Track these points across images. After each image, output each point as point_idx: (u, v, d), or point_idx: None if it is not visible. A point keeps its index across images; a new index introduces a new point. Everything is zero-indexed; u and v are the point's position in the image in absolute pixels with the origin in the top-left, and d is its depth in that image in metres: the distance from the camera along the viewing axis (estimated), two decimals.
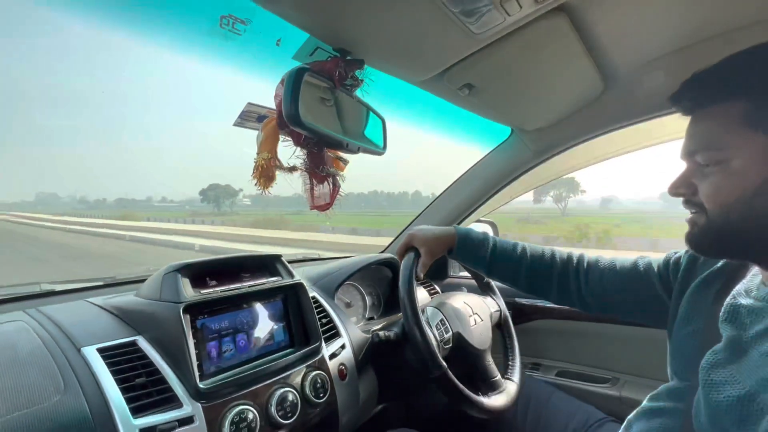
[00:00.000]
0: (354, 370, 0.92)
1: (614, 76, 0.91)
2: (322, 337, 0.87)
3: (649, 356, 1.14)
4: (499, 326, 1.11)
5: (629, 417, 0.68)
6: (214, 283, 0.79)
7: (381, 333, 0.92)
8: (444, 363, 0.80)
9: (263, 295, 0.84)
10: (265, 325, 0.83)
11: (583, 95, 0.98)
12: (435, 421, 1.12)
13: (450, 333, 0.91)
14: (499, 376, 0.94)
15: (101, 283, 0.96)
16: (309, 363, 0.82)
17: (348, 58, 0.62)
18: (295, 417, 0.73)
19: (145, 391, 0.62)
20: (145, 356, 0.67)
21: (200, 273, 0.78)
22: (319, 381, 0.81)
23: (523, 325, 1.36)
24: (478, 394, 0.83)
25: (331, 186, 0.68)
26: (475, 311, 1.02)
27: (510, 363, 1.03)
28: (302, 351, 0.82)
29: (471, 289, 1.17)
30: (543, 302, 1.34)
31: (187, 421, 0.62)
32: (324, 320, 0.94)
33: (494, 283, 1.16)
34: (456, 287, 1.28)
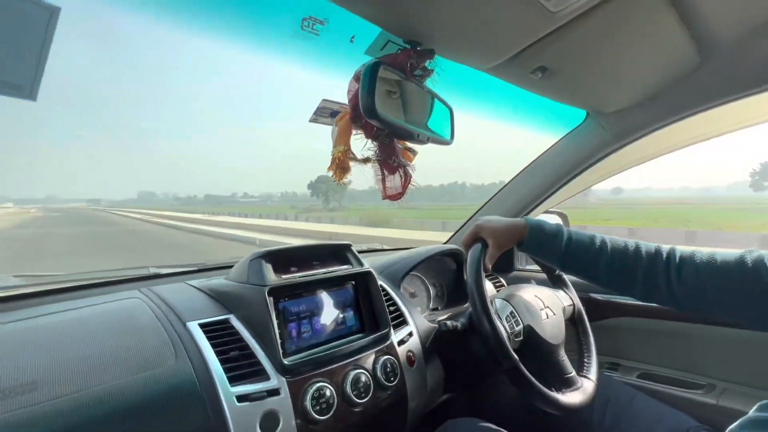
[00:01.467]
0: (421, 357, 0.93)
1: (713, 46, 0.81)
2: (391, 324, 0.90)
3: (753, 362, 1.01)
4: (573, 321, 1.06)
5: (731, 428, 0.61)
6: (293, 269, 0.86)
7: (448, 322, 0.93)
8: (515, 356, 0.79)
9: (336, 282, 0.89)
10: (337, 310, 0.88)
11: (673, 70, 0.88)
12: (501, 413, 1.10)
13: (521, 326, 0.89)
14: (574, 373, 0.90)
15: (196, 268, 1.09)
16: (379, 348, 0.85)
17: (418, 48, 0.62)
18: (368, 397, 0.77)
19: (238, 363, 0.70)
20: (236, 332, 0.75)
21: (280, 260, 0.85)
22: (389, 365, 0.84)
23: (599, 322, 1.27)
24: (551, 390, 0.80)
25: (402, 176, 0.70)
26: (546, 304, 0.98)
27: (585, 360, 0.98)
28: (372, 336, 0.86)
29: (540, 283, 1.13)
30: (622, 298, 1.25)
31: (274, 392, 0.68)
32: (391, 308, 0.97)
33: (566, 277, 1.11)
34: (523, 280, 1.24)
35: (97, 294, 0.90)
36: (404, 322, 0.97)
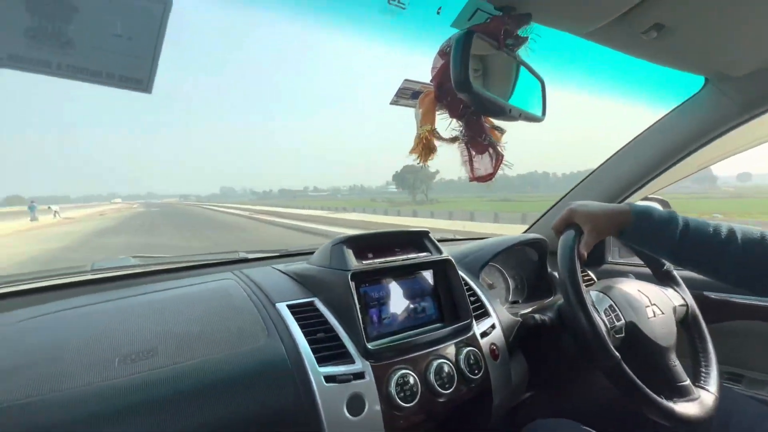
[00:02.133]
0: (506, 351, 0.88)
1: None
2: (473, 315, 0.86)
3: None
4: (685, 324, 0.92)
5: None
6: (371, 255, 0.85)
7: (536, 316, 0.86)
8: (616, 353, 0.70)
9: (415, 269, 0.87)
10: (417, 297, 0.86)
11: None
12: (588, 415, 1.00)
13: (622, 321, 0.79)
14: (688, 382, 0.78)
15: (279, 254, 1.15)
16: (461, 339, 0.82)
17: (513, 14, 0.57)
18: (452, 389, 0.74)
19: (324, 345, 0.71)
20: (321, 315, 0.77)
21: (360, 246, 0.85)
22: (473, 357, 0.80)
23: (714, 325, 1.09)
24: (660, 397, 0.70)
25: (493, 156, 0.65)
26: (653, 302, 0.86)
27: (703, 370, 0.84)
28: (453, 326, 0.83)
29: (640, 278, 1.00)
30: (745, 298, 1.06)
31: (360, 376, 0.68)
32: (471, 299, 0.92)
33: (677, 273, 0.96)
34: (617, 275, 1.11)
35: (196, 275, 0.99)
36: (486, 314, 0.92)
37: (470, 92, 0.51)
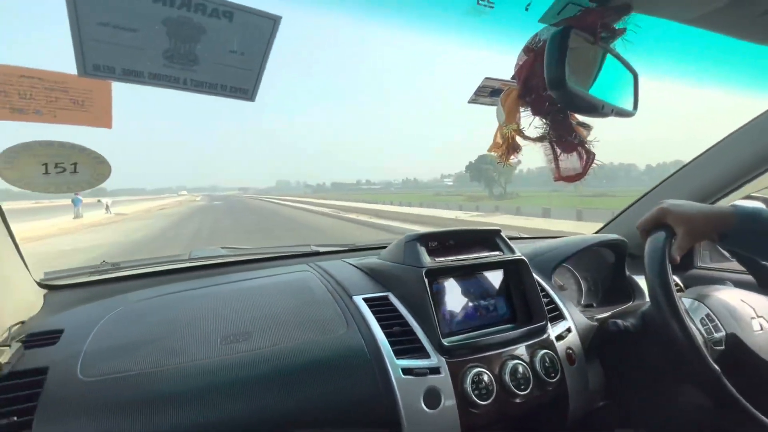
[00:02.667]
0: (582, 356, 0.85)
1: None
2: (547, 317, 0.84)
3: None
4: None
5: None
6: (444, 252, 0.86)
7: (618, 322, 0.81)
8: (716, 366, 0.64)
9: (487, 268, 0.87)
10: (488, 296, 0.86)
11: None
12: (674, 429, 0.93)
13: (722, 333, 0.73)
14: None
15: (348, 248, 1.20)
16: (535, 341, 0.80)
17: (610, 5, 0.54)
18: (527, 390, 0.73)
19: (399, 338, 0.74)
20: (396, 309, 0.79)
21: (432, 243, 0.86)
22: (548, 360, 0.78)
23: None
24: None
25: (583, 154, 0.63)
26: (759, 313, 0.78)
27: None
28: (527, 328, 0.81)
29: (738, 286, 0.90)
30: None
31: (435, 370, 0.70)
32: (544, 300, 0.90)
33: None
34: (708, 281, 1.01)
35: (275, 265, 1.06)
36: (560, 317, 0.89)
37: (564, 90, 0.50)
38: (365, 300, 0.80)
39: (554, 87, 0.50)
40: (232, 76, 0.55)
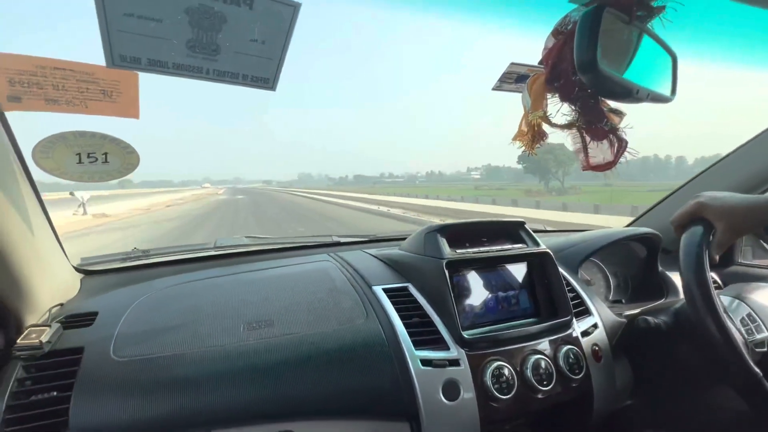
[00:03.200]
0: (609, 353, 0.82)
1: None
2: (573, 312, 0.81)
3: None
4: None
5: None
6: (465, 244, 0.85)
7: (649, 319, 0.78)
8: (757, 369, 0.60)
9: (510, 261, 0.85)
10: (510, 289, 0.84)
11: None
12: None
13: (764, 334, 0.68)
14: None
15: (368, 239, 1.20)
16: (559, 336, 0.78)
17: None
18: (550, 386, 0.71)
19: (419, 329, 0.73)
20: (415, 301, 0.79)
21: (454, 234, 0.85)
22: (572, 356, 0.76)
23: None
24: None
25: (615, 142, 0.59)
26: None
27: None
28: (550, 323, 0.79)
29: None
30: None
31: (455, 362, 0.69)
32: (570, 295, 0.87)
33: None
34: (749, 279, 0.95)
35: (297, 255, 1.08)
36: (586, 312, 0.86)
37: (596, 73, 0.47)
38: (385, 290, 0.80)
39: (585, 70, 0.48)
40: (253, 65, 0.55)
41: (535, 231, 1.40)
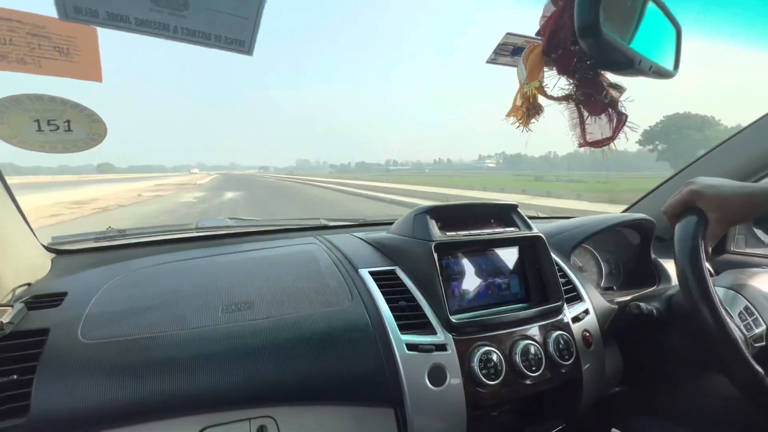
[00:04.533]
0: (599, 339, 0.80)
1: None
2: (564, 297, 0.79)
3: None
4: None
5: None
6: (455, 227, 0.82)
7: (641, 305, 0.76)
8: (758, 367, 0.58)
9: (501, 245, 0.82)
10: (501, 274, 0.81)
11: None
12: (693, 420, 0.88)
13: (763, 327, 0.66)
14: None
15: (358, 223, 1.16)
16: (549, 322, 0.76)
17: None
18: (539, 372, 0.69)
19: (405, 313, 0.71)
20: (403, 284, 0.76)
21: (444, 217, 0.82)
22: (562, 342, 0.74)
23: None
24: None
25: (614, 116, 0.56)
26: None
27: None
28: (541, 308, 0.77)
29: None
30: None
31: (442, 347, 0.67)
32: (562, 280, 0.85)
33: None
34: (741, 266, 0.94)
35: (283, 237, 1.04)
36: (578, 298, 0.84)
37: (598, 38, 0.43)
38: (371, 273, 0.77)
39: (586, 35, 0.44)
40: (227, 25, 0.50)
41: (529, 217, 1.38)
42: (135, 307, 0.67)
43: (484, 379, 0.66)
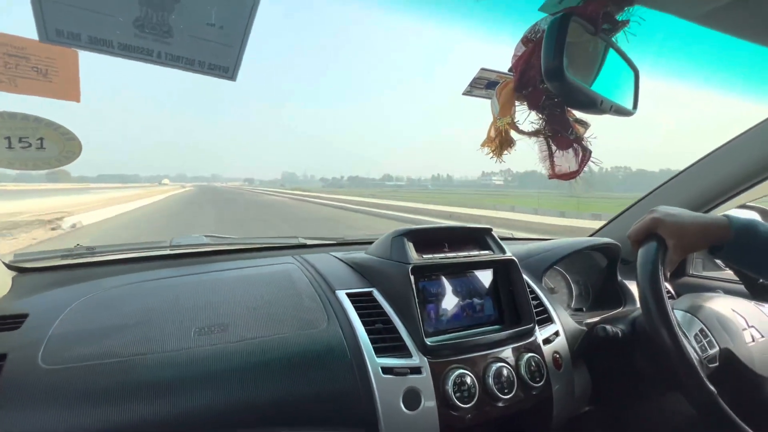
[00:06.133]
0: (569, 361, 0.83)
1: None
2: (535, 319, 0.82)
3: None
4: None
5: None
6: (431, 250, 0.84)
7: (607, 327, 0.79)
8: (712, 387, 0.62)
9: (476, 267, 0.84)
10: (475, 296, 0.83)
11: None
12: None
13: (715, 349, 0.70)
14: None
15: (336, 242, 1.17)
16: (522, 344, 0.78)
17: None
18: (511, 394, 0.71)
19: (382, 336, 0.71)
20: (379, 306, 0.77)
21: (420, 239, 0.84)
22: (534, 364, 0.76)
23: None
24: None
25: (579, 151, 0.60)
26: (750, 323, 0.76)
27: None
28: (514, 330, 0.79)
29: (729, 293, 0.89)
30: None
31: (416, 370, 0.68)
32: (533, 303, 0.88)
33: None
34: (700, 289, 0.99)
35: (259, 256, 1.03)
36: (549, 320, 0.87)
37: (562, 81, 0.47)
38: (348, 295, 0.78)
39: (551, 78, 0.48)
40: (211, 51, 0.52)
41: (502, 238, 1.42)
42: (102, 330, 0.65)
43: (457, 402, 0.66)
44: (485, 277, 0.86)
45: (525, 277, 0.93)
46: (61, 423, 0.52)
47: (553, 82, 0.48)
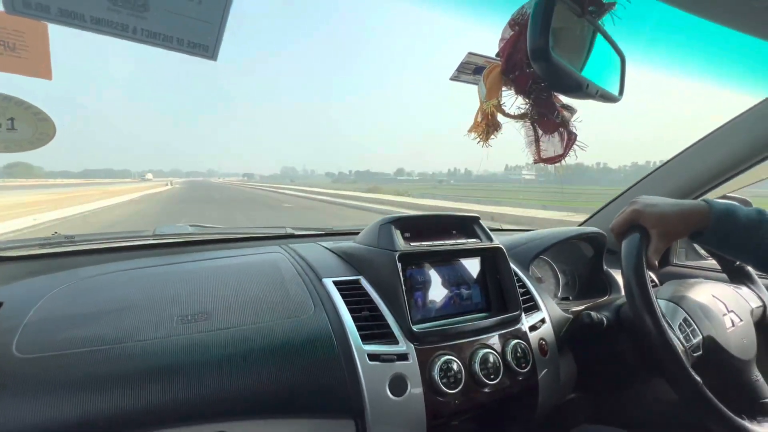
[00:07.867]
0: (555, 348, 0.84)
1: None
2: (522, 307, 0.82)
3: None
4: (762, 326, 0.82)
5: None
6: (419, 237, 0.83)
7: (592, 314, 0.80)
8: (697, 377, 0.63)
9: (463, 255, 0.84)
10: (463, 284, 0.83)
11: None
12: (642, 425, 0.93)
13: (699, 337, 0.72)
14: None
15: (324, 232, 1.16)
16: (508, 331, 0.79)
17: None
18: (497, 380, 0.71)
19: (368, 323, 0.71)
20: (366, 294, 0.76)
21: (408, 227, 0.83)
22: (520, 350, 0.76)
23: None
24: (742, 418, 0.63)
25: (564, 135, 0.60)
26: (730, 308, 0.78)
27: None
28: (500, 317, 0.79)
29: (709, 278, 0.91)
30: None
31: (403, 357, 0.67)
32: (520, 291, 0.88)
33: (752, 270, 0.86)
34: (681, 278, 1.01)
35: (247, 246, 1.02)
36: (535, 308, 0.87)
37: (548, 62, 0.47)
38: (335, 283, 0.77)
39: (537, 59, 0.47)
40: (190, 28, 0.50)
41: (491, 229, 1.42)
42: (80, 318, 0.63)
43: (444, 388, 0.66)
44: (472, 265, 0.86)
45: (512, 265, 0.94)
46: (35, 412, 0.50)
47: (539, 62, 0.48)
